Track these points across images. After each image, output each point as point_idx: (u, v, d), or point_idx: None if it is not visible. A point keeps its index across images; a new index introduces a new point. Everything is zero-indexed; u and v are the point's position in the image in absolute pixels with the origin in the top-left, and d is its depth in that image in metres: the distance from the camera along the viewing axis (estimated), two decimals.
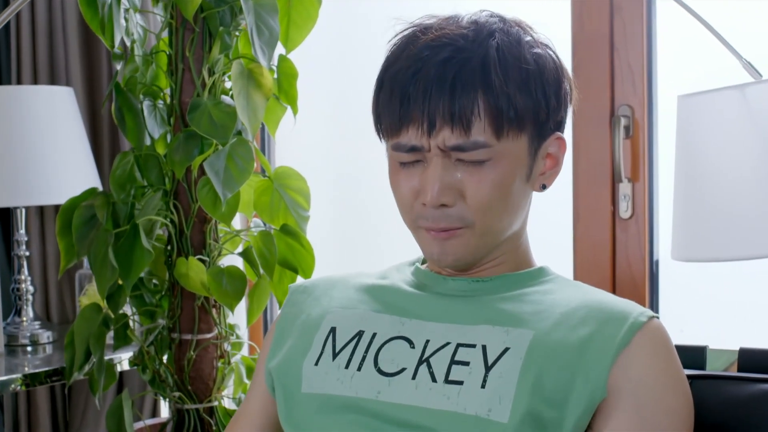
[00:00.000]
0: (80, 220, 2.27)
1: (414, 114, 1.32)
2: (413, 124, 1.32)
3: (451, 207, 1.33)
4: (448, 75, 1.30)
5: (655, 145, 2.25)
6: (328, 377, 1.38)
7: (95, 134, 3.12)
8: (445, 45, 1.32)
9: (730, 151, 1.62)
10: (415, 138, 1.32)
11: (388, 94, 1.35)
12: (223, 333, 2.32)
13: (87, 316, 2.30)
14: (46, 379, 2.53)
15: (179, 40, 2.24)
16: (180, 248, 2.27)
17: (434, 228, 1.35)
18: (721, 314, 2.23)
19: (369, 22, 2.88)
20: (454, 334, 1.34)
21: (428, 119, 1.31)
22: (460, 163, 1.33)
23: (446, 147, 1.31)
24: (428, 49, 1.33)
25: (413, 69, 1.32)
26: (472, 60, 1.31)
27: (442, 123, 1.30)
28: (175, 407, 2.31)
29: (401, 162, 1.36)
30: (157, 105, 2.32)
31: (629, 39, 2.23)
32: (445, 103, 1.30)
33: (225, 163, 2.12)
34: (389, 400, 1.33)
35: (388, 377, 1.34)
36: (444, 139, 1.31)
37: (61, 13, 3.10)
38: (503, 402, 1.27)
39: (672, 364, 1.32)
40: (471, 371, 1.30)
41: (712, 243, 1.64)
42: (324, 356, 1.40)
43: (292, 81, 2.30)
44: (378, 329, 1.39)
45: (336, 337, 1.42)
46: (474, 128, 1.30)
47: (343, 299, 1.48)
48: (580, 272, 2.29)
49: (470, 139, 1.31)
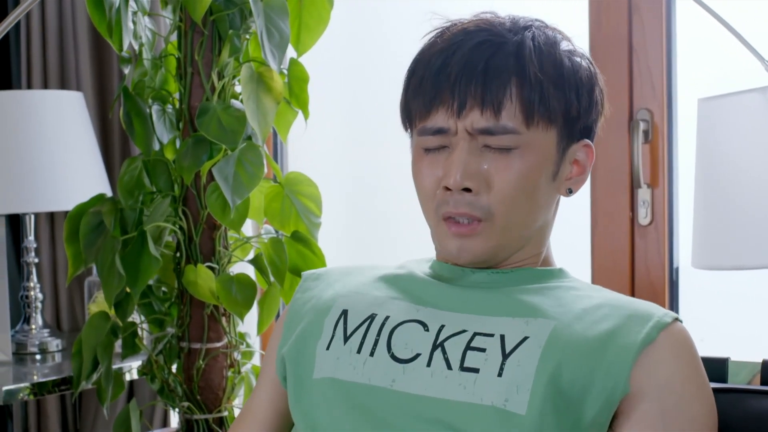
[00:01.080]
0: (88, 227, 2.25)
1: (445, 95, 1.30)
2: (443, 106, 1.31)
3: (475, 194, 1.31)
4: (482, 58, 1.30)
5: (675, 150, 2.22)
6: (339, 362, 1.35)
7: (106, 139, 3.11)
8: (481, 30, 1.32)
9: (752, 155, 1.58)
10: (443, 120, 1.31)
11: (419, 78, 1.34)
12: (233, 342, 2.30)
13: (95, 325, 2.29)
14: (55, 388, 2.51)
15: (188, 44, 2.22)
16: (189, 255, 2.24)
17: (454, 213, 1.32)
18: (744, 324, 2.19)
19: (382, 24, 2.85)
20: (472, 323, 1.31)
21: (459, 100, 1.29)
22: (487, 150, 1.31)
23: (474, 130, 1.30)
24: (463, 34, 1.33)
25: (447, 52, 1.32)
26: (507, 45, 1.30)
27: (472, 104, 1.29)
28: (184, 417, 2.29)
29: (426, 148, 1.34)
30: (165, 109, 2.30)
31: (648, 41, 2.20)
32: (477, 85, 1.29)
33: (234, 168, 2.09)
34: (404, 389, 1.29)
35: (403, 364, 1.31)
36: (473, 121, 1.29)
37: (71, 17, 3.09)
38: (521, 392, 1.24)
39: (697, 370, 1.29)
40: (487, 358, 1.27)
41: (733, 250, 1.60)
42: (335, 340, 1.37)
43: (303, 85, 2.27)
44: (391, 313, 1.36)
45: (347, 320, 1.38)
46: (504, 112, 1.29)
47: (358, 284, 1.45)
48: (598, 279, 2.26)
49: (500, 123, 1.29)
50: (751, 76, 1.78)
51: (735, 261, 1.62)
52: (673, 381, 1.26)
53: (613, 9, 2.23)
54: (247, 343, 2.35)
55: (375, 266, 1.51)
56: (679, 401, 1.26)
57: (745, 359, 1.59)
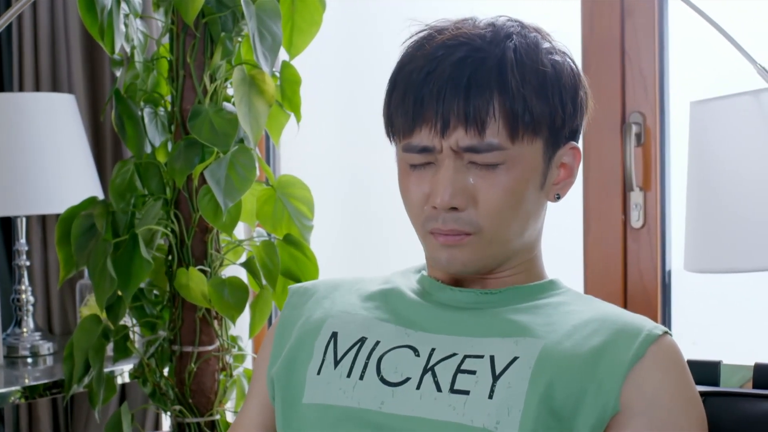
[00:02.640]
0: (79, 230, 2.24)
1: (427, 114, 1.29)
2: (426, 124, 1.29)
3: (462, 211, 1.30)
4: (464, 74, 1.28)
5: (668, 153, 2.22)
6: (330, 387, 1.34)
7: (97, 142, 3.10)
8: (461, 44, 1.30)
9: (744, 158, 1.58)
10: (428, 138, 1.29)
11: (401, 94, 1.32)
12: (224, 345, 2.29)
13: (86, 328, 2.28)
14: (46, 392, 2.50)
15: (180, 46, 2.21)
16: (181, 258, 2.24)
17: (443, 230, 1.31)
18: (736, 327, 2.19)
19: (376, 26, 2.85)
20: (462, 345, 1.30)
21: (442, 119, 1.28)
22: (473, 166, 1.29)
23: (459, 148, 1.28)
24: (443, 48, 1.30)
25: (427, 68, 1.29)
26: (488, 60, 1.28)
27: (456, 123, 1.27)
28: (176, 421, 2.28)
29: (412, 164, 1.33)
30: (157, 112, 2.29)
31: (641, 44, 2.20)
32: (460, 103, 1.27)
33: (226, 171, 2.09)
34: (393, 411, 1.28)
35: (392, 387, 1.30)
36: (457, 139, 1.28)
37: (63, 20, 3.08)
38: (512, 414, 1.23)
39: (686, 384, 1.29)
40: (477, 380, 1.26)
41: (726, 253, 1.60)
42: (325, 364, 1.36)
43: (295, 88, 2.26)
44: (381, 337, 1.35)
45: (337, 343, 1.37)
46: (488, 129, 1.27)
47: (346, 304, 1.43)
48: (590, 282, 2.25)
49: (484, 141, 1.27)
50: (743, 79, 1.78)
51: (727, 264, 1.62)
52: (662, 396, 1.25)
53: (606, 12, 2.23)
54: (239, 346, 2.35)
55: (361, 279, 1.49)
56: (667, 416, 1.25)
57: (737, 362, 1.59)
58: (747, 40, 1.74)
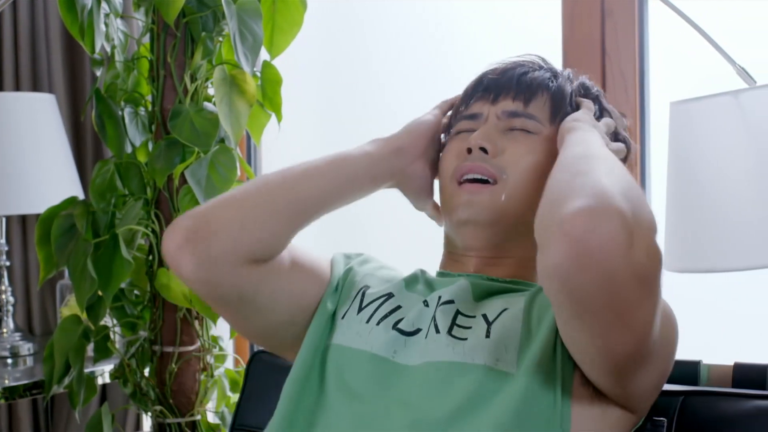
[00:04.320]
0: (59, 230, 2.23)
1: (485, 89, 1.49)
2: (481, 98, 1.49)
3: (491, 156, 1.41)
4: (522, 71, 1.49)
5: (648, 153, 2.22)
6: (350, 330, 1.41)
7: (78, 142, 3.09)
8: (525, 62, 1.52)
9: (723, 158, 1.58)
10: (478, 107, 1.48)
11: (469, 86, 1.53)
12: (205, 345, 2.29)
13: (66, 328, 2.27)
14: (26, 392, 2.49)
15: (161, 46, 2.20)
16: (161, 258, 2.23)
17: (470, 168, 1.41)
18: (716, 327, 2.19)
19: (357, 27, 2.85)
20: (459, 298, 1.38)
21: (495, 92, 1.48)
22: (509, 132, 1.44)
23: (503, 113, 1.45)
24: (510, 63, 1.53)
25: (494, 71, 1.52)
26: (544, 70, 1.50)
27: (506, 94, 1.46)
28: (157, 421, 2.27)
29: (458, 131, 1.49)
30: (138, 112, 2.28)
31: (621, 45, 2.20)
32: (513, 83, 1.47)
33: (207, 171, 2.08)
34: (403, 362, 1.34)
35: (405, 336, 1.37)
36: (504, 106, 1.45)
37: (43, 19, 3.07)
38: (509, 351, 1.28)
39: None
40: (473, 329, 1.33)
41: (706, 253, 1.61)
42: (350, 310, 1.44)
43: (276, 87, 2.26)
44: (403, 302, 1.42)
45: (365, 295, 1.46)
46: (533, 103, 1.45)
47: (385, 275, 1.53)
48: None
49: (527, 110, 1.44)
50: (722, 80, 1.78)
51: (708, 264, 1.62)
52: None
53: (586, 13, 2.23)
54: (219, 346, 2.34)
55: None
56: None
57: (717, 362, 1.60)
58: (726, 41, 1.74)
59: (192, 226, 1.34)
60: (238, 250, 1.35)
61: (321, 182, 1.43)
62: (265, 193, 1.39)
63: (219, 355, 2.35)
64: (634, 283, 1.09)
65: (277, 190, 1.40)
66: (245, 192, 1.40)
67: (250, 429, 1.88)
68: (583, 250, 1.06)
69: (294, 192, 1.40)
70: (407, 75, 2.65)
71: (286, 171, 1.43)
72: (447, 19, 2.57)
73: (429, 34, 2.62)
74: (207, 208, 1.38)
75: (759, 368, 1.51)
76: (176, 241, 1.34)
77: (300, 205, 1.40)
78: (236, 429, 1.90)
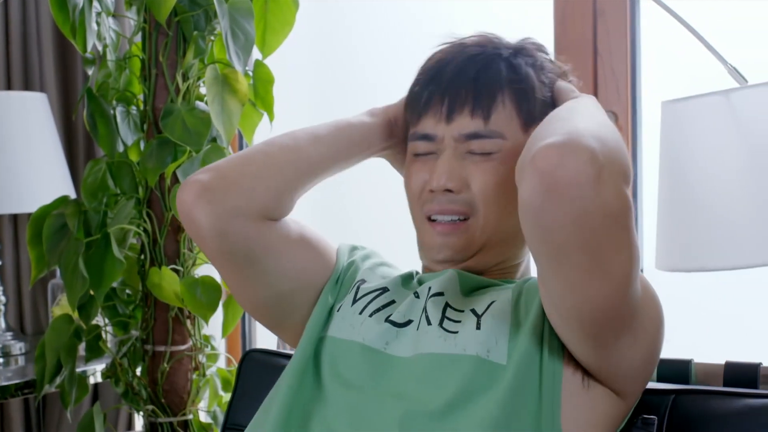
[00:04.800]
0: (51, 229, 2.23)
1: (435, 101, 1.40)
2: (433, 111, 1.40)
3: (457, 194, 1.38)
4: (475, 67, 1.39)
5: (639, 152, 2.22)
6: (343, 322, 1.42)
7: (70, 141, 3.08)
8: (477, 44, 1.43)
9: (715, 158, 1.58)
10: (431, 127, 1.40)
11: (413, 88, 1.45)
12: (197, 344, 2.28)
13: (58, 328, 2.27)
14: (18, 392, 2.49)
15: (153, 45, 2.20)
16: (153, 258, 2.23)
17: (438, 210, 1.39)
18: (707, 326, 2.20)
19: (348, 26, 2.85)
20: (449, 290, 1.38)
21: (449, 105, 1.38)
22: (470, 155, 1.38)
23: (461, 136, 1.37)
24: (460, 46, 1.43)
25: (442, 63, 1.42)
26: (500, 57, 1.40)
27: (462, 109, 1.38)
28: (149, 420, 2.27)
29: (415, 153, 1.43)
30: (130, 111, 2.28)
31: (613, 44, 2.20)
32: (469, 91, 1.38)
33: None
34: (395, 353, 1.36)
35: (397, 327, 1.38)
36: (461, 126, 1.37)
37: (35, 18, 3.06)
38: (499, 342, 1.29)
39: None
40: (463, 322, 1.33)
41: (697, 252, 1.61)
42: (345, 303, 1.45)
43: (268, 87, 2.26)
44: (398, 297, 1.43)
45: (360, 288, 1.47)
46: (495, 114, 1.37)
47: (384, 272, 1.53)
48: None
49: (488, 127, 1.37)
50: (714, 80, 1.78)
51: (698, 263, 1.62)
52: None
53: (578, 13, 2.23)
54: (211, 345, 2.34)
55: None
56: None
57: (708, 361, 1.60)
58: (718, 41, 1.74)
59: (209, 179, 1.38)
60: (253, 202, 1.39)
61: (322, 148, 1.46)
62: (275, 153, 1.43)
63: (211, 354, 2.34)
64: (607, 223, 1.13)
65: (284, 151, 1.43)
66: (257, 151, 1.44)
67: (242, 428, 1.88)
68: (551, 184, 1.10)
69: (298, 153, 1.43)
70: (399, 74, 2.65)
71: (292, 134, 1.47)
72: (439, 19, 2.57)
73: (421, 33, 2.62)
74: (222, 163, 1.42)
75: (750, 367, 1.51)
76: (193, 193, 1.37)
77: (303, 165, 1.44)
78: (228, 428, 1.89)
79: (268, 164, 1.42)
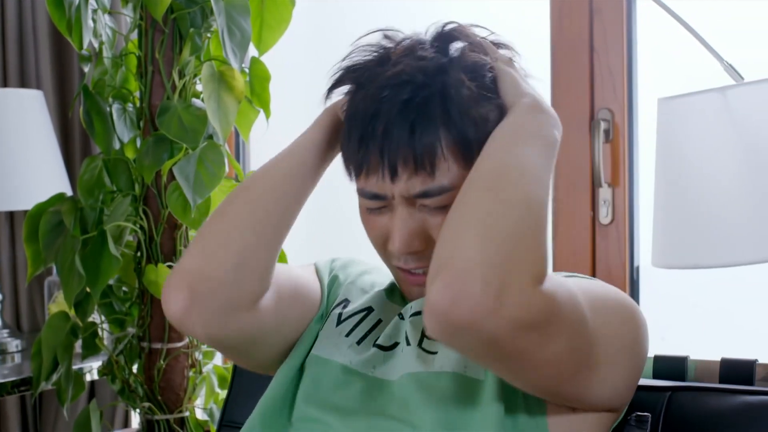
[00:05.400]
0: (47, 227, 2.23)
1: (373, 161, 1.28)
2: (374, 171, 1.29)
3: (423, 252, 1.31)
4: (408, 118, 1.26)
5: (636, 150, 2.22)
6: (327, 341, 1.41)
7: (66, 138, 3.08)
8: (404, 83, 1.27)
9: (711, 155, 1.58)
10: (377, 186, 1.29)
11: (348, 135, 1.32)
12: (194, 342, 2.28)
13: (54, 325, 2.27)
14: (14, 389, 2.48)
15: (149, 42, 2.20)
16: (150, 255, 2.23)
17: (407, 268, 1.34)
18: (703, 323, 2.20)
19: (345, 23, 2.84)
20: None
21: (389, 166, 1.27)
22: (425, 208, 1.29)
23: (410, 195, 1.28)
24: (387, 88, 1.28)
25: (372, 111, 1.28)
26: (432, 98, 1.27)
27: (404, 169, 1.27)
28: (145, 418, 2.27)
29: (368, 208, 1.34)
30: (126, 108, 2.28)
31: (609, 41, 2.20)
32: (408, 149, 1.26)
33: (195, 168, 2.08)
34: (381, 376, 1.34)
35: (384, 351, 1.37)
36: (408, 186, 1.27)
37: (31, 15, 3.06)
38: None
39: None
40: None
41: (693, 249, 1.61)
42: (329, 322, 1.43)
43: (264, 84, 2.26)
44: (384, 316, 1.42)
45: (343, 312, 1.44)
46: (439, 170, 1.26)
47: (366, 284, 1.51)
48: None
49: (435, 183, 1.27)
50: (710, 77, 1.78)
51: (695, 260, 1.62)
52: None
53: (575, 11, 2.23)
54: None
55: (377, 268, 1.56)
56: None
57: (704, 358, 1.60)
58: (714, 38, 1.74)
59: (190, 285, 1.29)
60: (243, 293, 1.32)
61: (286, 191, 1.38)
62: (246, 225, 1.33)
63: (207, 352, 2.34)
64: (521, 334, 1.08)
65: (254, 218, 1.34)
66: (229, 229, 1.33)
67: (238, 425, 1.88)
68: (449, 326, 1.06)
69: (267, 213, 1.34)
70: None
71: (247, 195, 1.36)
72: (434, 16, 2.57)
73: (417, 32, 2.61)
74: (196, 261, 1.31)
75: (746, 364, 1.51)
76: (180, 305, 1.29)
77: (281, 221, 1.36)
78: (224, 425, 1.90)
79: (246, 242, 1.32)
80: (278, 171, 1.40)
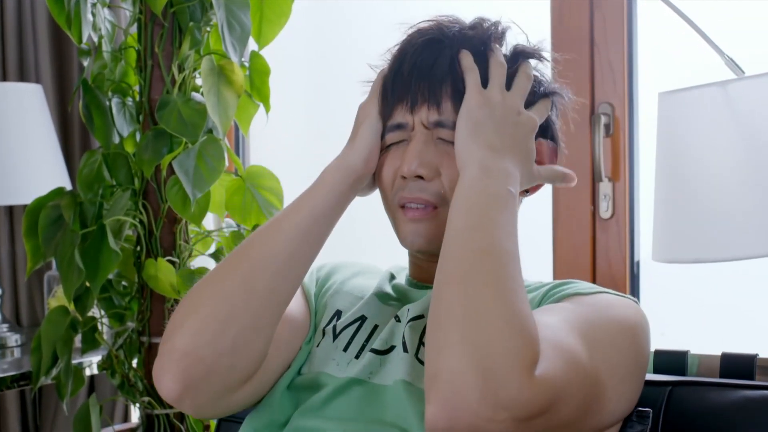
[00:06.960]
0: (47, 221, 2.23)
1: (401, 94, 1.39)
2: (400, 103, 1.39)
3: (428, 181, 1.36)
4: (428, 57, 1.38)
5: (636, 144, 2.22)
6: (326, 357, 1.41)
7: (65, 132, 3.08)
8: (429, 30, 1.42)
9: (711, 149, 1.58)
10: (401, 116, 1.39)
11: (384, 85, 1.43)
12: None
13: (54, 320, 2.26)
14: (14, 384, 2.49)
15: (148, 36, 2.20)
16: (149, 249, 2.23)
17: (409, 198, 1.37)
18: (704, 317, 2.20)
19: (344, 17, 2.84)
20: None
21: (411, 97, 1.37)
22: (441, 142, 1.36)
23: (429, 123, 1.37)
24: (418, 33, 1.42)
25: (403, 53, 1.41)
26: (446, 49, 1.39)
27: (422, 100, 1.37)
28: (145, 412, 2.27)
29: (388, 145, 1.41)
30: (125, 102, 2.28)
31: (610, 35, 2.20)
32: (424, 84, 1.37)
33: (195, 162, 2.08)
34: (378, 382, 1.35)
35: (381, 355, 1.37)
36: (426, 115, 1.37)
37: (30, 9, 3.05)
38: None
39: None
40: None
41: (693, 244, 1.60)
42: (326, 338, 1.44)
43: (264, 78, 2.25)
44: (379, 320, 1.43)
45: (336, 325, 1.45)
46: (443, 105, 1.36)
47: (357, 288, 1.52)
48: (559, 273, 2.26)
49: (442, 117, 1.36)
50: (711, 71, 1.78)
51: (695, 254, 1.62)
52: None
53: (575, 5, 2.23)
54: None
55: (372, 270, 1.58)
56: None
57: (704, 352, 1.60)
58: (715, 32, 1.74)
59: (184, 370, 1.27)
60: (236, 375, 1.32)
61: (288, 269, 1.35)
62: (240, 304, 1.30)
63: None
64: (528, 424, 1.07)
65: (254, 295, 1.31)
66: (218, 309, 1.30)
67: (238, 420, 1.88)
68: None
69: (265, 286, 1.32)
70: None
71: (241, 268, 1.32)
72: (435, 11, 2.57)
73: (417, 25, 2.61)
74: (190, 342, 1.29)
75: (746, 358, 1.51)
76: (175, 393, 1.28)
77: (280, 297, 1.34)
78: (224, 419, 1.89)
79: (243, 325, 1.29)
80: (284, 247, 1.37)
